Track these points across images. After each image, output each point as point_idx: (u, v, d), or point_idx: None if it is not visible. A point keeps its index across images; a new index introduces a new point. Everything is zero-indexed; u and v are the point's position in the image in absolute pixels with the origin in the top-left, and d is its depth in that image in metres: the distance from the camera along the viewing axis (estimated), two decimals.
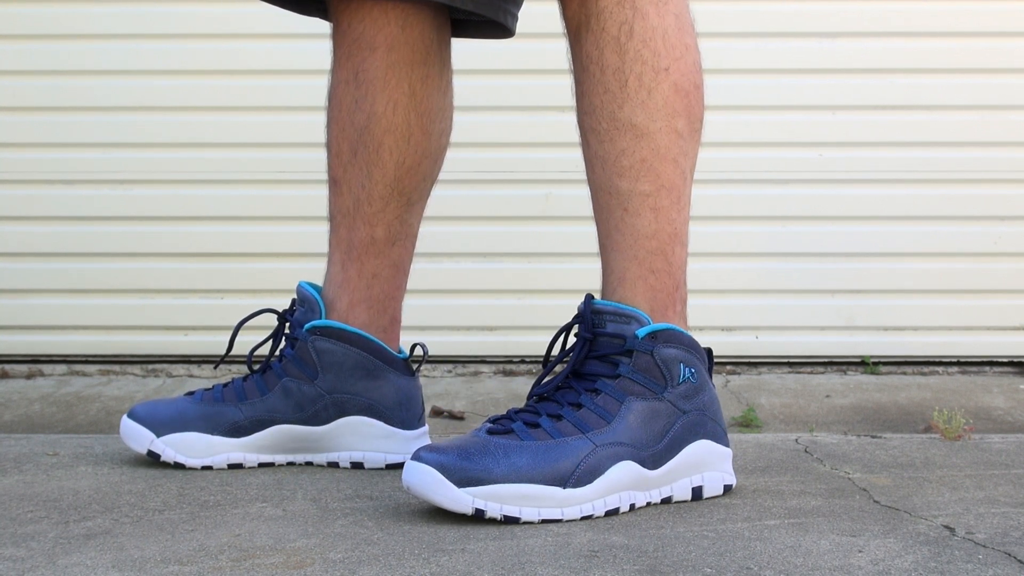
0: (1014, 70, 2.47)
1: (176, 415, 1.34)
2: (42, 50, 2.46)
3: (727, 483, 1.22)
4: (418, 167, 1.37)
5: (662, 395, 1.17)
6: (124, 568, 0.95)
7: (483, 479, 1.09)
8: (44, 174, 2.47)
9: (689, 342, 1.20)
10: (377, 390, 1.36)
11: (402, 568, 0.94)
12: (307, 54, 2.46)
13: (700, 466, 1.20)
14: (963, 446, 1.52)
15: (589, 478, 1.12)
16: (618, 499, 1.14)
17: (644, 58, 1.19)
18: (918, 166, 2.48)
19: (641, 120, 1.19)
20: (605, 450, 1.14)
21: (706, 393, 1.21)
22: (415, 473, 1.09)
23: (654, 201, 1.20)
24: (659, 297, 1.21)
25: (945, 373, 2.49)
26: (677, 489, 1.19)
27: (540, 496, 1.10)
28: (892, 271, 2.48)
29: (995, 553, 0.99)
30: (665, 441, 1.17)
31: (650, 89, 1.19)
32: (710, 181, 2.48)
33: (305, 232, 2.47)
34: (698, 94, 1.24)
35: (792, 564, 0.96)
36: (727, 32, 2.47)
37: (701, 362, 1.21)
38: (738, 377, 2.45)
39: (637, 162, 1.19)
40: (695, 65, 1.23)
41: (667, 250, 1.21)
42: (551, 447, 1.12)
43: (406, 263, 1.43)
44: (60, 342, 2.48)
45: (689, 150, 1.23)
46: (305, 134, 2.46)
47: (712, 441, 1.21)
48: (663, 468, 1.17)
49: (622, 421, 1.15)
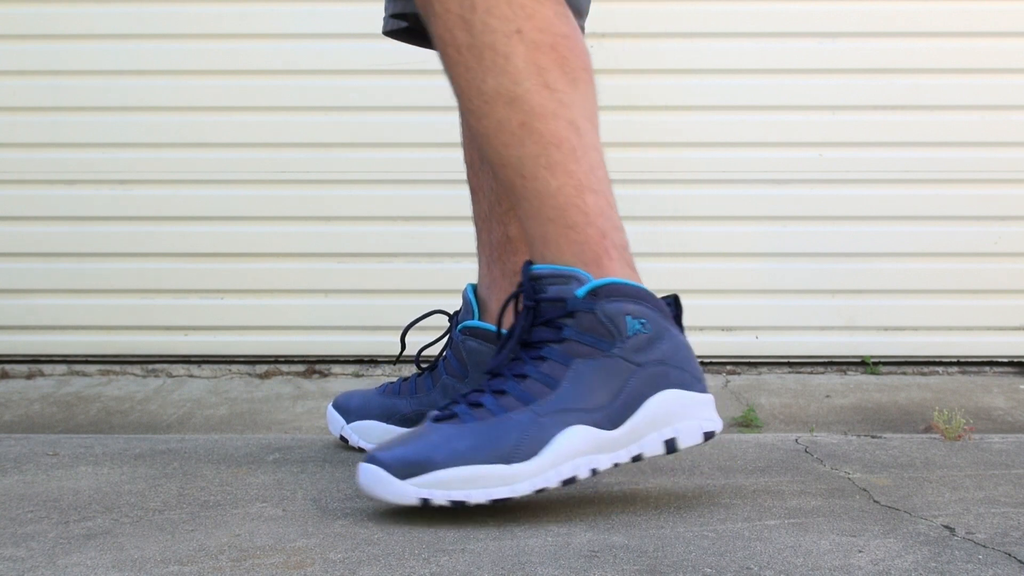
0: (1014, 70, 2.47)
1: (363, 405, 1.47)
2: (42, 50, 2.46)
3: (707, 430, 1.16)
4: None
5: (611, 352, 1.13)
6: (124, 568, 0.95)
7: (425, 467, 1.07)
8: (44, 174, 2.47)
9: (635, 292, 1.15)
10: None
11: (402, 568, 0.94)
12: (307, 54, 2.47)
13: (670, 418, 1.15)
14: (963, 446, 1.51)
15: (535, 450, 1.10)
16: (573, 467, 1.11)
17: (493, 27, 1.15)
18: (918, 166, 2.48)
19: (507, 86, 1.15)
20: (549, 419, 1.11)
21: (666, 342, 1.16)
22: (362, 474, 1.09)
23: (545, 160, 1.16)
24: (586, 249, 1.16)
25: (945, 373, 2.49)
26: (647, 445, 1.14)
27: (485, 476, 1.08)
28: (892, 271, 2.48)
29: (995, 553, 0.99)
30: (621, 398, 1.13)
31: (507, 55, 1.15)
32: (710, 181, 2.48)
33: (305, 232, 2.48)
34: (568, 43, 1.17)
35: (792, 564, 0.96)
36: (727, 32, 2.47)
37: (654, 309, 1.16)
38: (738, 377, 2.45)
39: (516, 127, 1.16)
40: (556, 16, 1.17)
41: (577, 202, 1.17)
42: (492, 425, 1.10)
43: None
44: (60, 342, 2.48)
45: (572, 100, 1.17)
46: (305, 134, 2.47)
47: (681, 390, 1.16)
48: (625, 426, 1.13)
49: (568, 385, 1.12)
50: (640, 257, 1.19)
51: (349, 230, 2.46)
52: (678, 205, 2.47)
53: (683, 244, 2.48)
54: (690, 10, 2.48)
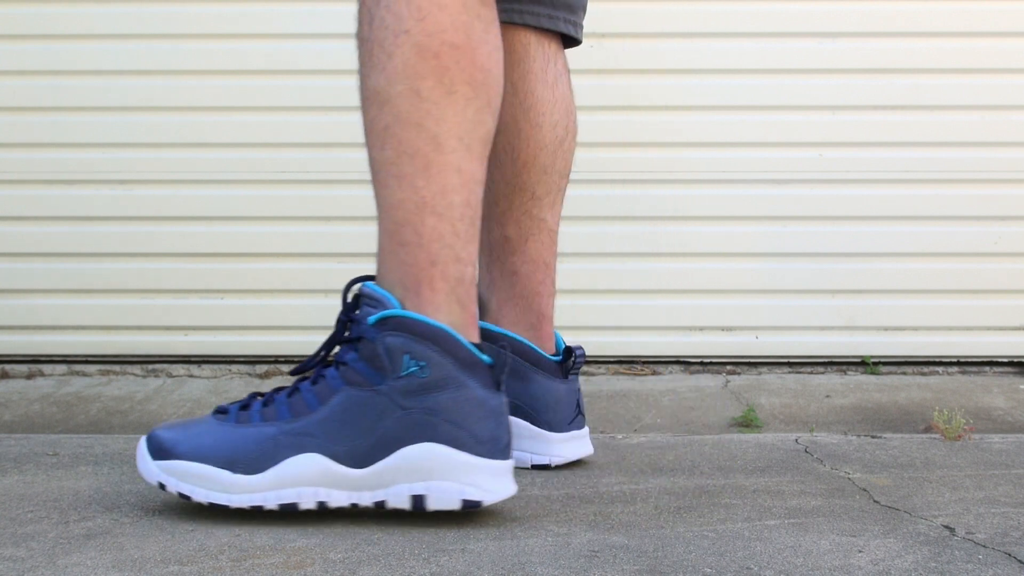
0: (1014, 70, 2.47)
1: None
2: (42, 50, 2.46)
3: (469, 497, 1.06)
4: (535, 161, 1.38)
5: (379, 387, 1.07)
6: (124, 568, 0.95)
7: (171, 454, 1.10)
8: (44, 174, 2.47)
9: (427, 332, 1.07)
10: (523, 391, 1.37)
11: (402, 568, 0.94)
12: (307, 54, 2.47)
13: (423, 473, 1.07)
14: (963, 446, 1.51)
15: (261, 467, 1.08)
16: (296, 494, 1.08)
17: (387, 24, 1.11)
18: (918, 166, 2.48)
19: (382, 86, 1.11)
20: (287, 439, 1.08)
21: (447, 393, 1.07)
22: (140, 443, 1.13)
23: (396, 168, 1.11)
24: (411, 273, 1.10)
25: (945, 373, 2.49)
26: (393, 495, 1.07)
27: (209, 478, 1.09)
28: (892, 271, 2.48)
29: (995, 553, 0.99)
30: (374, 438, 1.07)
31: (390, 53, 1.11)
32: (710, 181, 2.48)
33: (305, 232, 2.48)
34: (456, 53, 1.10)
35: (792, 564, 0.96)
36: (727, 32, 2.47)
37: (446, 355, 1.07)
38: (738, 377, 2.45)
39: (381, 129, 1.12)
40: (451, 24, 1.10)
41: (414, 220, 1.10)
42: (239, 431, 1.10)
43: (546, 258, 1.42)
44: (60, 342, 2.48)
45: (442, 113, 1.10)
46: (305, 134, 2.47)
47: (447, 447, 1.06)
48: (371, 468, 1.07)
49: (325, 411, 1.08)
50: (640, 257, 1.19)
51: (349, 230, 2.46)
52: (678, 205, 2.47)
53: (683, 244, 2.48)
54: (690, 10, 2.48)
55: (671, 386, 2.30)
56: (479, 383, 1.08)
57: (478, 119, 1.12)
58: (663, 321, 2.48)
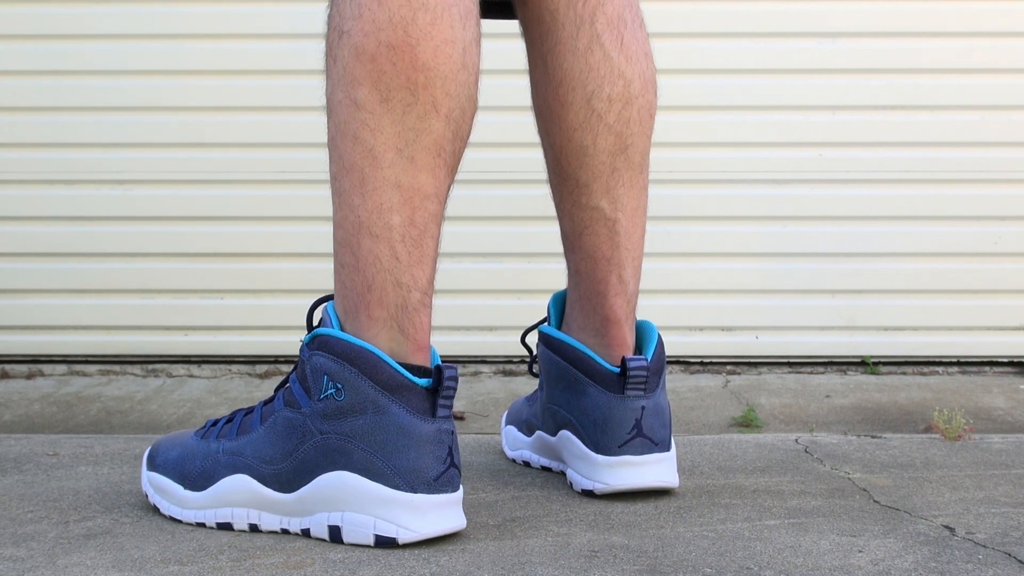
0: (1014, 70, 2.47)
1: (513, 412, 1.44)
2: (42, 50, 2.46)
3: (382, 534, 0.98)
4: (569, 143, 1.22)
5: (303, 409, 1.02)
6: (124, 568, 0.95)
7: (151, 464, 1.14)
8: (44, 174, 2.47)
9: (344, 351, 0.99)
10: (577, 405, 1.21)
11: (402, 568, 0.94)
12: (307, 54, 2.47)
13: (338, 503, 1.00)
14: (963, 446, 1.51)
15: (204, 485, 1.08)
16: (230, 514, 1.06)
17: (334, 23, 1.03)
18: (918, 166, 2.48)
19: (328, 93, 1.03)
20: (224, 458, 1.07)
21: (365, 418, 0.98)
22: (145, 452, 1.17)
23: (337, 184, 1.03)
24: (349, 297, 1.02)
25: (945, 373, 2.49)
26: (315, 524, 1.02)
27: (169, 491, 1.11)
28: (892, 271, 2.48)
29: (995, 553, 0.99)
30: (294, 462, 1.02)
31: (335, 56, 1.02)
32: (710, 181, 2.48)
33: (305, 232, 2.48)
34: (392, 54, 0.98)
35: (792, 564, 0.96)
36: (727, 32, 2.47)
37: (364, 378, 0.98)
38: (738, 377, 2.45)
39: (328, 141, 1.04)
40: (388, 21, 0.98)
41: (352, 241, 1.01)
42: (199, 446, 1.11)
43: (605, 252, 1.21)
44: (60, 342, 2.48)
45: (380, 123, 1.00)
46: (305, 134, 2.47)
47: (360, 476, 0.99)
48: (296, 493, 1.03)
49: (260, 432, 1.05)
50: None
51: None
52: (678, 205, 2.47)
53: (683, 244, 2.48)
54: (690, 10, 2.48)
55: (671, 386, 2.30)
56: (405, 408, 0.98)
57: (421, 126, 1.00)
58: (663, 321, 2.47)
